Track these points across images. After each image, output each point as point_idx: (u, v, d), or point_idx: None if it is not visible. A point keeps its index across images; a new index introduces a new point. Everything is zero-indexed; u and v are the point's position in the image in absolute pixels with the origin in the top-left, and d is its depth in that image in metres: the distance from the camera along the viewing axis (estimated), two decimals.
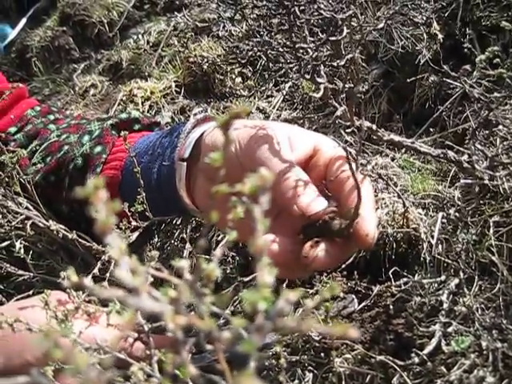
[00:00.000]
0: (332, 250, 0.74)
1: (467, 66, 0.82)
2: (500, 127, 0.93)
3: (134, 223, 0.94)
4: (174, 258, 1.11)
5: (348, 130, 0.77)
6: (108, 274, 0.87)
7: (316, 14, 0.74)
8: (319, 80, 0.76)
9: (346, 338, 0.83)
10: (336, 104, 0.76)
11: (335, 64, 0.75)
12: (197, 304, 0.30)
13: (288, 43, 0.77)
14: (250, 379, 0.24)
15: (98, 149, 1.06)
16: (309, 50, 0.75)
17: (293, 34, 0.75)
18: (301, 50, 0.76)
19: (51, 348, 0.24)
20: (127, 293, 0.29)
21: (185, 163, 0.90)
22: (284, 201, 0.76)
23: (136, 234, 0.96)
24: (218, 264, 0.37)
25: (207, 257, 0.93)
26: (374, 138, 0.84)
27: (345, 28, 0.73)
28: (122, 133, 0.98)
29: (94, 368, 0.22)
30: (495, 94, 0.81)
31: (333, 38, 0.74)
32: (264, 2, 0.81)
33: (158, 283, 0.81)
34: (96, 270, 0.89)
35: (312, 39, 0.79)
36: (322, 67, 0.75)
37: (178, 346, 0.31)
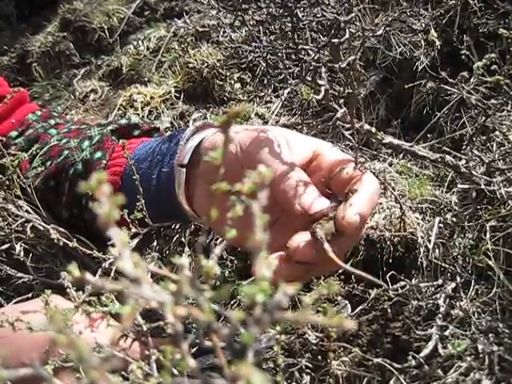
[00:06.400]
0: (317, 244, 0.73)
1: (465, 73, 0.83)
2: (496, 133, 0.94)
3: (133, 230, 0.94)
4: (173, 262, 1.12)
5: (348, 132, 0.78)
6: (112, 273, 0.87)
7: (319, 16, 0.75)
8: (320, 82, 0.77)
9: (342, 340, 0.84)
10: (336, 106, 0.77)
11: (336, 66, 0.76)
12: (197, 298, 0.30)
13: (290, 45, 0.78)
14: (249, 368, 0.24)
15: (98, 154, 1.06)
16: (310, 51, 0.76)
17: (295, 36, 0.76)
18: (303, 52, 0.77)
19: (56, 333, 0.24)
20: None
21: (184, 169, 0.91)
22: (285, 200, 0.77)
23: (136, 240, 0.97)
24: (217, 262, 0.38)
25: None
26: (373, 141, 0.85)
27: (347, 30, 0.74)
28: (121, 141, 0.99)
29: (96, 356, 0.23)
30: (492, 101, 0.82)
31: (335, 40, 0.75)
32: (267, 3, 0.82)
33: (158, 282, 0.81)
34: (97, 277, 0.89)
35: (314, 41, 0.79)
36: (324, 69, 0.75)
37: (178, 338, 0.32)
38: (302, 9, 0.76)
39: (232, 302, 1.02)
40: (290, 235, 0.77)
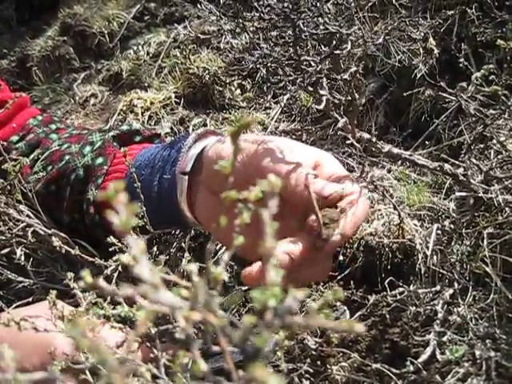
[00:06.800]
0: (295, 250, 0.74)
1: (464, 84, 0.84)
2: (494, 141, 0.96)
3: (134, 236, 0.94)
4: (173, 267, 1.13)
5: (348, 142, 0.79)
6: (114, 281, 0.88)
7: (321, 28, 0.76)
8: (322, 92, 0.78)
9: (341, 345, 0.84)
10: (337, 116, 0.78)
11: (338, 77, 0.77)
12: (208, 303, 0.31)
13: (293, 56, 0.79)
14: (264, 370, 0.25)
15: (100, 160, 1.07)
16: (312, 62, 0.77)
17: (297, 47, 0.77)
18: (304, 63, 0.78)
19: (78, 337, 0.25)
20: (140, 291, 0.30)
21: (186, 177, 0.92)
22: (296, 194, 0.77)
23: None
24: (224, 268, 0.39)
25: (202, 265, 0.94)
26: (373, 149, 0.86)
27: (349, 42, 0.75)
28: (122, 149, 0.99)
29: (116, 360, 0.24)
30: (491, 111, 0.83)
31: (337, 52, 0.76)
32: (270, 16, 0.83)
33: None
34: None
35: (315, 52, 0.81)
36: (325, 80, 0.76)
37: (189, 343, 0.33)
38: (304, 20, 0.77)
39: (232, 307, 1.03)
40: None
